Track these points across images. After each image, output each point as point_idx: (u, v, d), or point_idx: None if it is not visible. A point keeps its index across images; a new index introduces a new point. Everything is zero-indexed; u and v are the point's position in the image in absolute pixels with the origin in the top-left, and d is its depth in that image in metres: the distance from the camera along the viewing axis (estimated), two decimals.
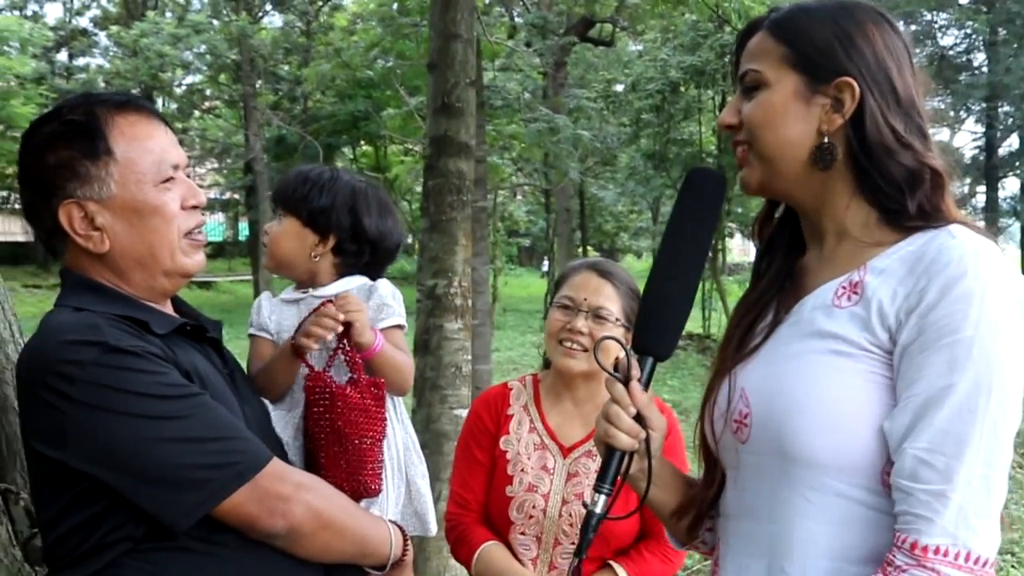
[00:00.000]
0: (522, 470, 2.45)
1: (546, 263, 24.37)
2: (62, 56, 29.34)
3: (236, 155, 25.45)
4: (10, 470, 2.19)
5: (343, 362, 2.14)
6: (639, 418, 1.49)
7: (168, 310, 1.84)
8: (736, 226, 19.50)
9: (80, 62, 29.27)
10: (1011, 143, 22.33)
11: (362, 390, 2.09)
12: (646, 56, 16.97)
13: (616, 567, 2.39)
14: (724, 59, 13.26)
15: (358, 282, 2.27)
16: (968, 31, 20.71)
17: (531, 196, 25.11)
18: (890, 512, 1.33)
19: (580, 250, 20.20)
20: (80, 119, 1.69)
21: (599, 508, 1.50)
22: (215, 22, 22.03)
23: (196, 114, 27.86)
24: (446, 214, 4.98)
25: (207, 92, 27.28)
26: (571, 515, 2.38)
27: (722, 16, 12.26)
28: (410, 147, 20.37)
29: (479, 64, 8.48)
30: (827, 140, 1.43)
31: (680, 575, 5.63)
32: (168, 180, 1.74)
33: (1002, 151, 22.04)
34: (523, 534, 2.43)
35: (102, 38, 28.70)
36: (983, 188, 21.67)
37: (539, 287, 24.18)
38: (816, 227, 1.53)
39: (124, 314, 1.66)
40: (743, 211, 16.88)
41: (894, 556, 1.29)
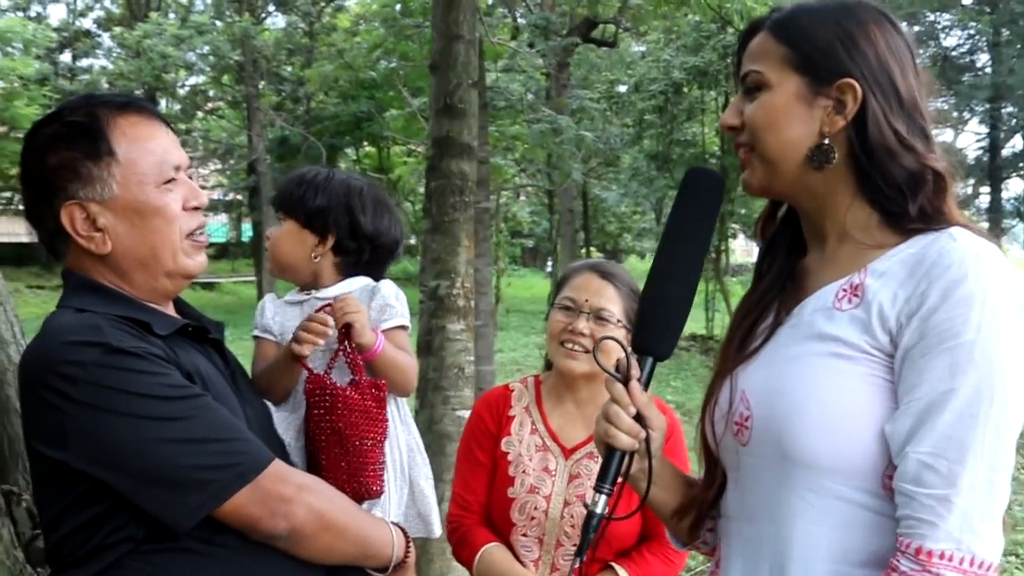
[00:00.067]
0: (524, 471, 2.44)
1: (550, 264, 24.39)
2: (65, 57, 29.41)
3: (239, 156, 25.46)
4: (12, 471, 2.20)
5: (344, 364, 2.14)
6: (639, 418, 1.49)
7: (170, 311, 1.84)
8: (739, 227, 19.48)
9: (83, 63, 29.35)
10: (1015, 144, 22.31)
11: (363, 392, 2.09)
12: (649, 57, 16.97)
13: (618, 568, 2.38)
14: (727, 60, 13.27)
15: (361, 283, 2.27)
16: (971, 32, 20.69)
17: (534, 197, 25.11)
18: (891, 515, 1.32)
19: (583, 251, 20.20)
20: (82, 120, 1.69)
21: (600, 508, 1.50)
22: (218, 23, 22.08)
23: (199, 115, 27.90)
24: (448, 215, 4.98)
25: (210, 93, 27.33)
26: (573, 516, 2.38)
27: (724, 17, 12.27)
28: (413, 148, 20.35)
29: (481, 65, 8.48)
30: (826, 141, 1.43)
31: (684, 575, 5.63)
32: (170, 181, 1.74)
33: (1006, 152, 22.01)
34: (525, 536, 2.42)
35: (105, 39, 28.78)
36: (987, 189, 21.63)
37: (542, 288, 24.19)
38: (817, 228, 1.52)
39: (126, 315, 1.66)
40: (746, 212, 16.86)
41: (898, 561, 1.29)
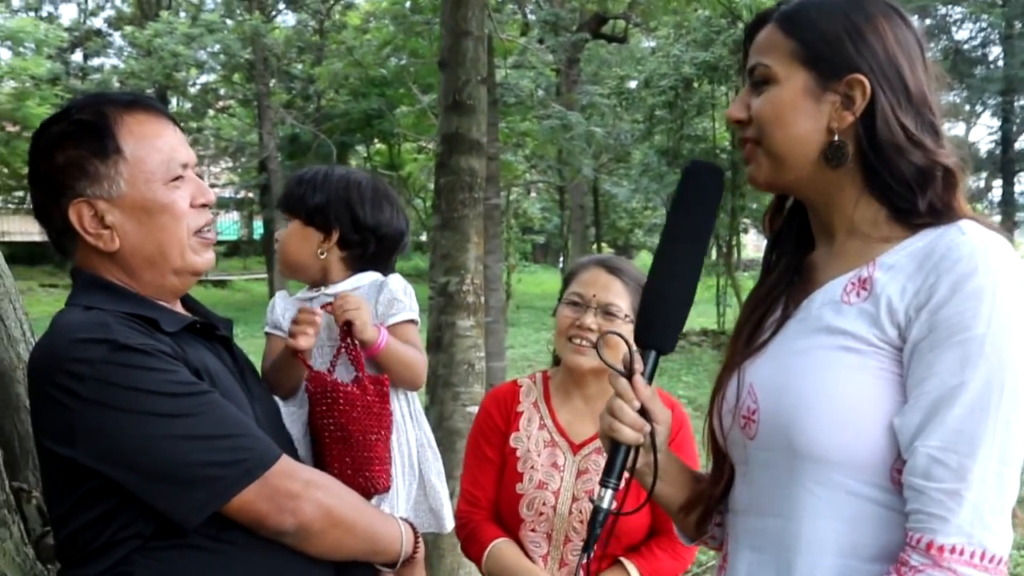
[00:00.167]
0: (532, 467, 2.44)
1: (562, 260, 24.38)
2: (77, 57, 29.51)
3: (250, 154, 25.55)
4: (22, 469, 2.21)
5: (348, 361, 2.15)
6: (644, 412, 1.49)
7: (178, 308, 1.85)
8: (750, 221, 19.44)
9: (95, 62, 29.44)
10: None
11: (364, 387, 2.10)
12: (659, 52, 16.95)
13: (627, 564, 2.38)
14: (737, 55, 13.22)
15: (370, 278, 2.28)
16: (983, 25, 20.59)
17: (545, 193, 25.12)
18: (900, 509, 1.32)
19: (594, 247, 20.18)
20: (89, 118, 1.70)
21: (606, 503, 1.49)
22: (228, 21, 22.11)
23: (210, 113, 27.96)
24: (458, 211, 4.98)
25: (221, 91, 27.39)
26: (581, 512, 2.38)
27: (734, 12, 12.25)
28: (424, 145, 20.39)
29: (491, 61, 8.49)
30: (838, 138, 1.42)
31: (694, 571, 5.62)
32: (177, 178, 1.74)
33: (1018, 145, 21.87)
34: (533, 531, 2.42)
35: (116, 38, 28.82)
36: (999, 183, 21.53)
37: (553, 284, 24.18)
38: (825, 223, 1.51)
39: (134, 312, 1.66)
40: (758, 207, 16.82)
41: (908, 556, 1.28)
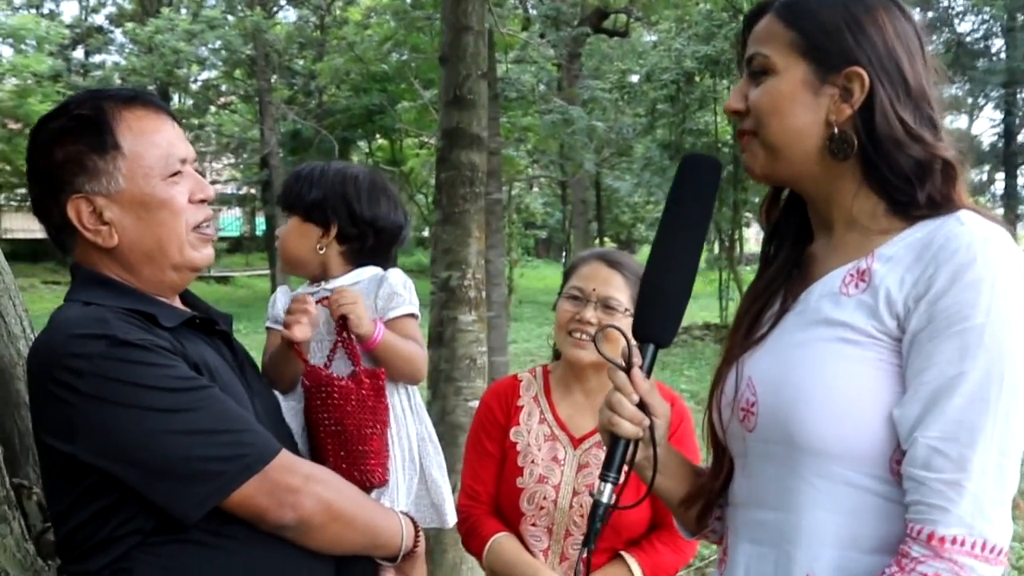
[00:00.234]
0: (532, 461, 2.44)
1: (565, 255, 24.35)
2: (78, 54, 29.48)
3: (252, 150, 25.52)
4: (23, 465, 2.21)
5: (345, 354, 2.15)
6: (642, 406, 1.49)
7: (177, 304, 1.85)
8: (752, 215, 19.41)
9: (96, 59, 29.40)
10: None
11: (359, 381, 2.10)
12: (660, 46, 16.91)
13: (627, 558, 2.38)
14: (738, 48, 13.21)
15: (369, 272, 2.29)
16: (985, 17, 20.54)
17: (547, 188, 25.07)
18: (899, 501, 1.32)
19: (597, 241, 20.16)
20: (87, 114, 1.70)
21: (605, 497, 1.49)
22: (229, 17, 22.06)
23: (212, 110, 27.95)
24: (459, 206, 4.98)
25: (222, 88, 27.37)
26: (582, 506, 2.37)
27: (735, 5, 12.22)
28: (425, 140, 20.38)
29: (492, 56, 8.48)
30: (838, 130, 1.42)
31: (697, 564, 5.63)
32: (176, 174, 1.74)
33: (1021, 138, 21.86)
34: (534, 525, 2.42)
35: (118, 35, 28.82)
36: (1002, 175, 21.51)
37: (556, 279, 24.13)
38: (823, 215, 1.51)
39: (133, 308, 1.66)
40: (760, 200, 16.79)
41: (909, 548, 1.28)
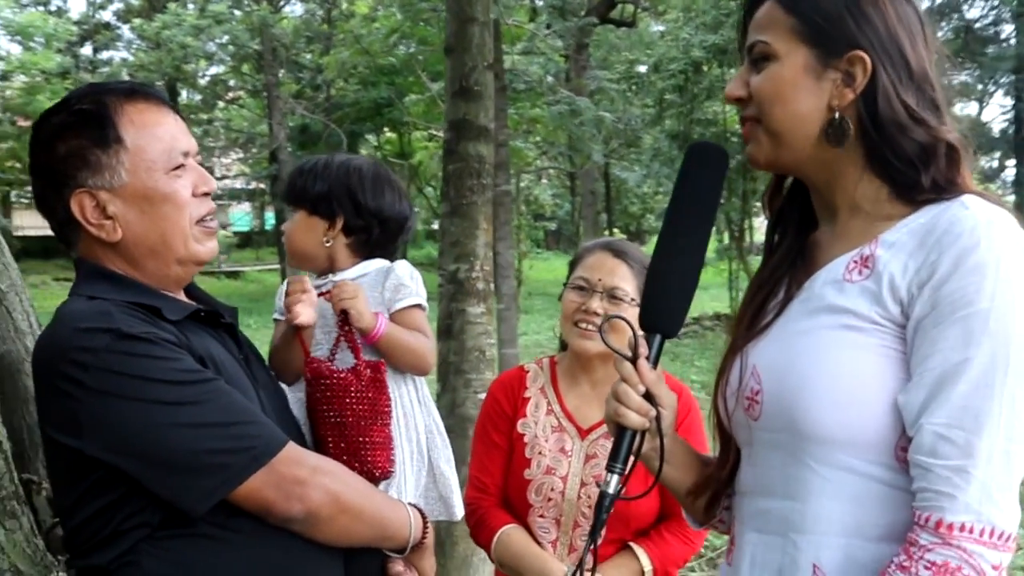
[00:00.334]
0: (540, 453, 2.44)
1: (575, 247, 24.34)
2: (86, 50, 29.54)
3: (261, 144, 25.58)
4: (32, 460, 2.22)
5: (347, 347, 2.16)
6: (649, 396, 1.48)
7: (182, 298, 1.84)
8: (761, 205, 19.38)
9: (104, 56, 29.46)
10: None
11: (359, 374, 2.10)
12: (668, 36, 16.86)
13: (636, 548, 2.37)
14: None
15: (376, 265, 2.29)
16: (994, 3, 20.38)
17: (556, 180, 25.07)
18: (905, 488, 1.31)
19: (606, 232, 20.15)
20: (89, 108, 1.69)
21: (612, 488, 1.49)
22: (236, 12, 22.08)
23: (220, 105, 28.01)
24: (466, 198, 4.97)
25: (230, 83, 27.42)
26: (590, 497, 2.37)
27: None
28: (434, 133, 20.37)
29: (498, 47, 8.46)
30: (839, 116, 1.41)
31: (709, 555, 5.62)
32: (179, 167, 1.74)
33: None
34: (542, 517, 2.42)
35: (125, 31, 28.85)
36: (1013, 162, 21.37)
37: (565, 271, 24.04)
38: (827, 202, 1.50)
39: (137, 301, 1.66)
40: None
41: (917, 535, 1.27)
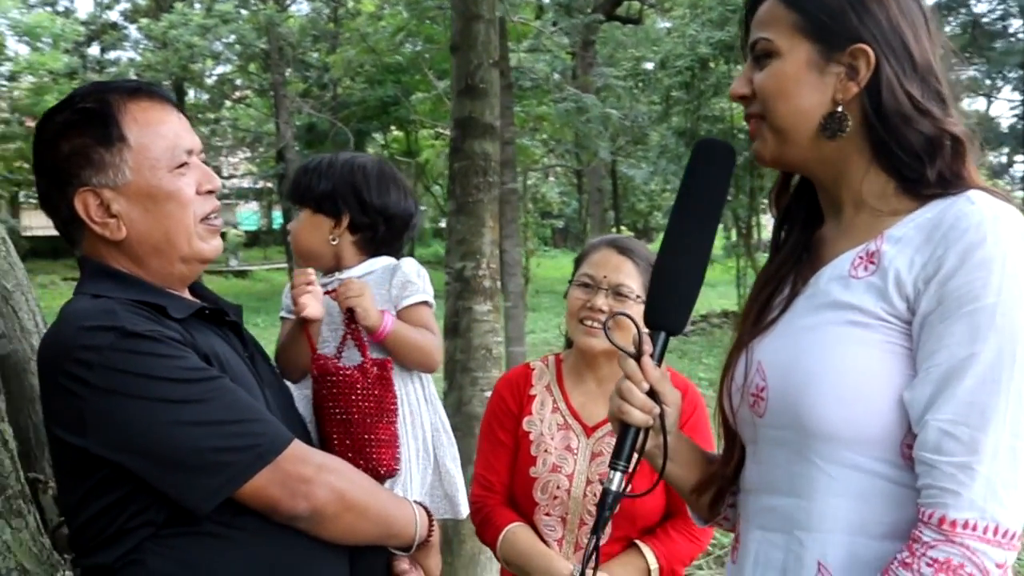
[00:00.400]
0: (546, 451, 2.43)
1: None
2: (93, 50, 29.56)
3: (268, 144, 25.63)
4: (39, 459, 2.22)
5: (353, 345, 2.16)
6: (653, 394, 1.48)
7: (186, 296, 1.84)
8: (768, 203, 19.33)
9: (111, 56, 29.49)
10: None
11: (365, 371, 2.10)
12: (675, 33, 16.81)
13: (642, 546, 2.37)
14: None
15: (383, 262, 2.29)
16: None
17: (563, 177, 25.06)
18: (910, 485, 1.30)
19: (614, 230, 20.12)
20: (93, 106, 1.69)
21: (615, 485, 1.48)
22: (243, 11, 22.13)
23: (227, 104, 28.07)
24: (472, 196, 4.97)
25: (237, 82, 27.48)
26: (596, 495, 2.36)
27: None
28: (441, 131, 20.38)
29: (504, 45, 8.46)
30: (839, 109, 1.40)
31: (717, 553, 5.62)
32: (182, 165, 1.74)
33: None
34: (548, 515, 2.41)
35: (132, 31, 28.90)
36: (1022, 157, 21.30)
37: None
38: (833, 198, 1.50)
39: (141, 299, 1.66)
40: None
41: (921, 532, 1.26)
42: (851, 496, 1.35)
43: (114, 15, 30.55)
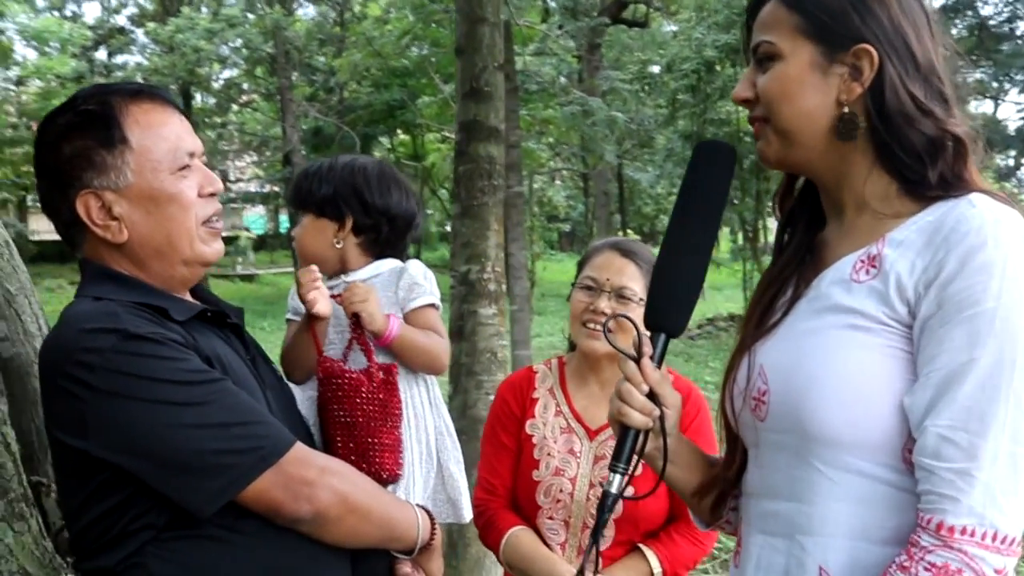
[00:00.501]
0: (549, 454, 2.43)
1: None
2: (101, 55, 29.63)
3: (274, 148, 25.72)
4: (42, 463, 2.22)
5: (359, 349, 2.16)
6: (653, 396, 1.47)
7: (188, 298, 1.84)
8: (772, 205, 19.28)
9: (118, 60, 29.57)
10: None
11: (370, 375, 2.10)
12: (681, 36, 16.80)
13: (645, 550, 2.36)
14: None
15: (389, 265, 2.29)
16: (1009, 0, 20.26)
17: (570, 181, 25.06)
18: (911, 490, 1.30)
19: (620, 233, 20.11)
20: (94, 108, 1.69)
21: (615, 488, 1.48)
22: (249, 15, 22.18)
23: (234, 108, 28.12)
24: (477, 199, 4.97)
25: (244, 86, 27.54)
26: (599, 498, 2.35)
27: None
28: (447, 135, 20.42)
29: (509, 48, 8.46)
30: (848, 110, 1.40)
31: (723, 557, 5.60)
32: (184, 168, 1.73)
33: None
34: (551, 518, 2.41)
35: (139, 35, 28.97)
36: None
37: None
38: (835, 200, 1.49)
39: (143, 302, 1.65)
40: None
41: (919, 537, 1.26)
42: (852, 501, 1.34)
43: (121, 19, 30.65)
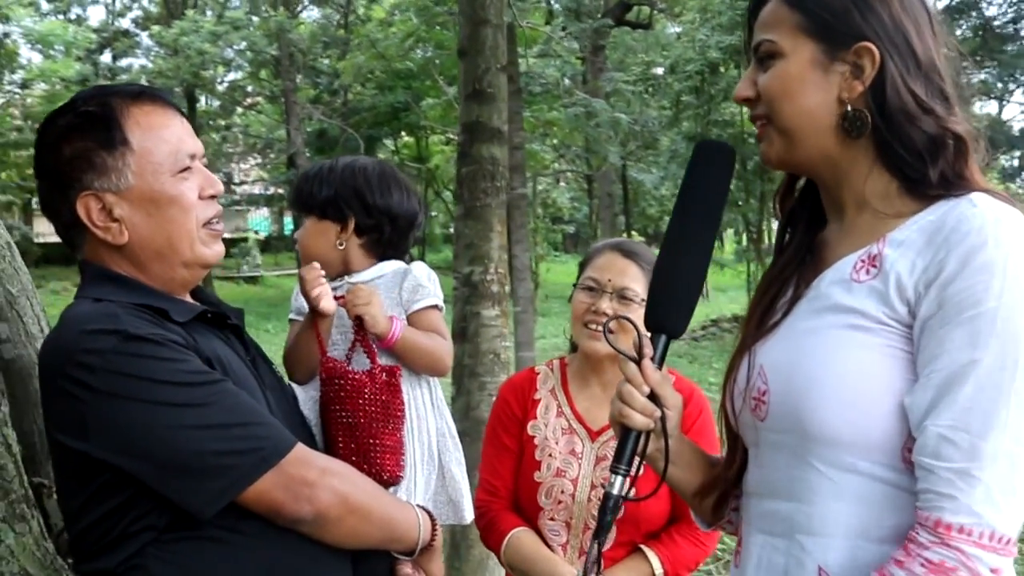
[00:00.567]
0: (550, 455, 2.42)
1: None
2: (105, 58, 29.73)
3: (279, 150, 25.75)
4: (43, 464, 2.22)
5: (362, 351, 2.16)
6: (654, 397, 1.47)
7: (188, 300, 1.84)
8: (772, 205, 19.28)
9: (123, 63, 29.65)
10: None
11: (373, 376, 2.10)
12: (684, 37, 16.83)
13: (647, 551, 2.36)
14: None
15: (393, 266, 2.29)
16: (1014, 0, 20.25)
17: (574, 183, 25.07)
18: (911, 490, 1.29)
19: (624, 235, 20.12)
20: (95, 110, 1.68)
21: (616, 489, 1.48)
22: (254, 18, 22.23)
23: (238, 111, 28.16)
24: (480, 200, 4.97)
25: (248, 88, 27.59)
26: (600, 499, 2.35)
27: None
28: (451, 136, 20.43)
29: (513, 49, 8.46)
30: (851, 108, 1.39)
31: (726, 558, 5.59)
32: (185, 170, 1.73)
33: None
34: (552, 520, 2.41)
35: (144, 38, 29.05)
36: None
37: None
38: (836, 199, 1.49)
39: (143, 303, 1.65)
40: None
41: (917, 533, 1.26)
42: (852, 500, 1.34)
43: (126, 22, 30.79)
